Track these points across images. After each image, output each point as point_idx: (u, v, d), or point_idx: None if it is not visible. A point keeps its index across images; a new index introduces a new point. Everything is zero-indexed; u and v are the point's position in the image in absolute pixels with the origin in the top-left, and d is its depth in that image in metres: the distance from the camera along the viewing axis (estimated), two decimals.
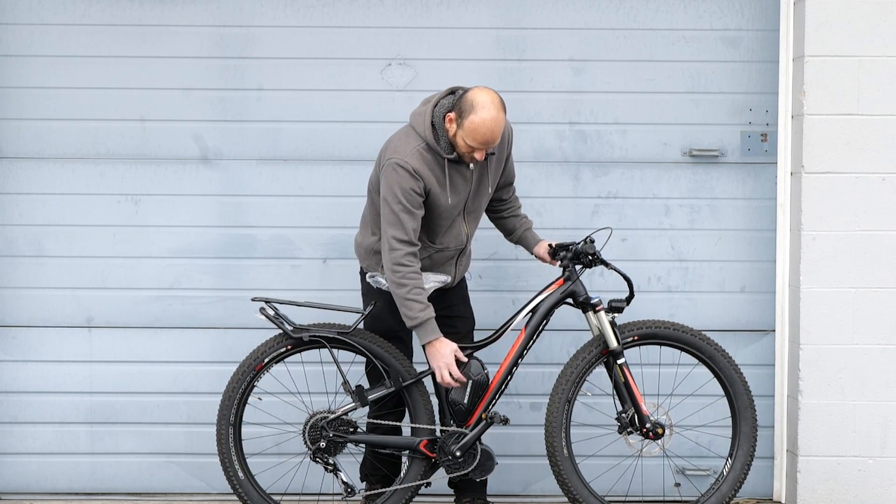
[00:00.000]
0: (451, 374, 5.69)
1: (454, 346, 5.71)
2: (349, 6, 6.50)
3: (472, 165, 5.76)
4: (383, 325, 5.88)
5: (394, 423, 5.93)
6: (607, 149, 6.54)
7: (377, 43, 6.50)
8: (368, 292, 5.96)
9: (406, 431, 5.99)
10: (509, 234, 6.15)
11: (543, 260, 6.04)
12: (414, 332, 5.78)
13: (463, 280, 6.06)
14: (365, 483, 6.07)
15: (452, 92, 5.75)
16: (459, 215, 5.83)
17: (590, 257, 5.88)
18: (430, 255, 5.84)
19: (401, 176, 5.64)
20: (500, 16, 6.51)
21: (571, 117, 6.53)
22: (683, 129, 6.55)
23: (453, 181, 5.74)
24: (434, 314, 5.68)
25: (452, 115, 5.64)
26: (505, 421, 5.80)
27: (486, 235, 6.30)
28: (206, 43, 6.49)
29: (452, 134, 5.65)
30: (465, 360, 5.74)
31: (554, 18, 6.51)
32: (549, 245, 6.00)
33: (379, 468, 6.01)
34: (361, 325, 5.89)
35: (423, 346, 5.70)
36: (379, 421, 5.88)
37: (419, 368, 5.89)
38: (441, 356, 5.69)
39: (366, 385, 5.90)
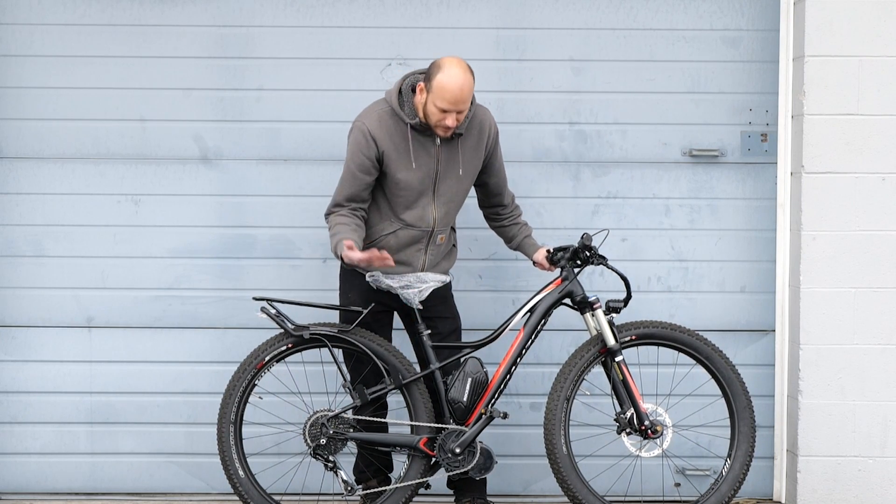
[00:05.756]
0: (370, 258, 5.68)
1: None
2: (349, 6, 6.50)
3: (438, 141, 5.78)
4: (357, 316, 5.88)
5: (381, 419, 5.93)
6: (607, 149, 6.54)
7: (377, 43, 6.51)
8: (345, 279, 5.98)
9: (392, 429, 6.01)
10: (509, 241, 6.16)
11: (543, 267, 6.03)
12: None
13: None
14: (361, 486, 6.07)
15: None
16: (427, 195, 5.84)
17: (587, 253, 5.89)
18: (395, 231, 5.86)
19: (355, 137, 5.77)
20: (500, 16, 6.51)
21: (571, 117, 6.53)
22: (683, 129, 6.55)
23: (416, 153, 5.77)
24: (347, 237, 5.65)
25: (422, 83, 5.72)
26: (504, 415, 5.80)
27: (485, 235, 6.30)
28: (206, 43, 6.50)
29: (423, 103, 5.72)
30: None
31: (554, 18, 6.51)
32: (548, 251, 6.01)
33: (371, 462, 6.02)
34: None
35: (342, 260, 5.69)
36: (369, 418, 5.87)
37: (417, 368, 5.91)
38: (358, 259, 5.65)
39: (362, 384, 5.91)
